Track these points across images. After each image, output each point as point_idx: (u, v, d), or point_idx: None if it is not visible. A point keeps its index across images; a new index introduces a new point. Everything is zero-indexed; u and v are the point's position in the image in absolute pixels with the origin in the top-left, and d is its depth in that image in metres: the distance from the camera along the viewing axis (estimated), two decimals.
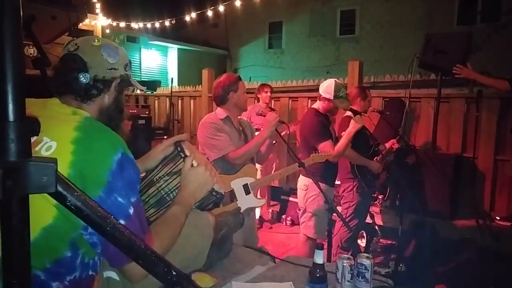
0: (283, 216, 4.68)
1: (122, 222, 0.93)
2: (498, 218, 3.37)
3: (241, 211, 2.07)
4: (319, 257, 1.18)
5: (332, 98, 2.66)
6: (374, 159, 3.01)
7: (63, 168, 0.89)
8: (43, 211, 0.87)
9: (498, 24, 9.22)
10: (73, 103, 1.06)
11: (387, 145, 3.10)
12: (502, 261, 2.69)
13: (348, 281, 1.34)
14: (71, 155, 0.91)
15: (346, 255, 1.39)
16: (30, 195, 0.54)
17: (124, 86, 1.15)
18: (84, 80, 1.05)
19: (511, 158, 3.35)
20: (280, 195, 4.85)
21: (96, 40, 1.09)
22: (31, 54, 2.22)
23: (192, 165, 1.24)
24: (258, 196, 2.73)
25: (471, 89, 3.94)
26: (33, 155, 0.90)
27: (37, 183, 0.53)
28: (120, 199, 0.93)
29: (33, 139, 0.92)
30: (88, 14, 5.74)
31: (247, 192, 2.22)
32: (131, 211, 0.96)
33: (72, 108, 1.04)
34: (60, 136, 0.94)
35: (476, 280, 2.50)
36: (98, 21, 6.42)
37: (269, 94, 4.46)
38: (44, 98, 1.08)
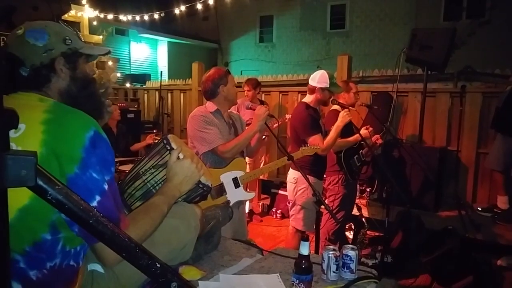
0: (273, 209, 4.71)
1: (98, 197, 0.93)
2: (480, 209, 3.46)
3: (231, 204, 2.08)
4: (305, 248, 1.20)
5: (328, 85, 2.71)
6: (360, 152, 3.05)
7: (34, 148, 0.88)
8: (18, 192, 0.85)
9: (482, 20, 9.42)
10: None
11: (372, 139, 3.14)
12: (482, 250, 2.77)
13: (334, 271, 1.36)
14: (42, 135, 0.90)
15: (331, 246, 1.42)
16: None
17: (75, 61, 1.09)
18: (24, 74, 1.02)
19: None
20: (271, 189, 4.88)
21: (19, 29, 1.04)
22: None
23: (178, 158, 1.24)
24: (248, 189, 2.75)
25: (456, 84, 4.02)
26: None
27: (16, 176, 0.53)
28: (94, 175, 0.93)
29: None
30: (74, 6, 5.64)
31: (237, 185, 2.23)
32: (106, 187, 0.96)
33: (38, 96, 1.03)
34: (28, 118, 0.93)
35: (458, 268, 2.57)
36: (85, 13, 6.30)
37: (250, 92, 4.18)
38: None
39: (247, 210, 4.02)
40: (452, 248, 2.65)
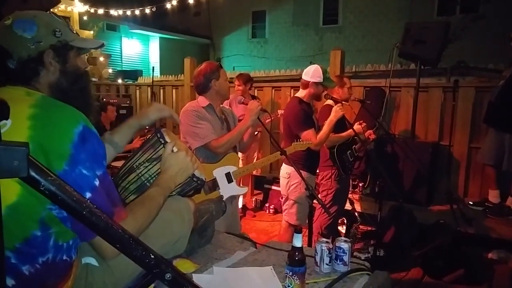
0: (266, 205, 4.73)
1: (88, 194, 0.92)
2: (471, 203, 3.50)
3: (224, 199, 2.08)
4: (298, 241, 1.20)
5: (322, 80, 2.72)
6: (353, 147, 3.07)
7: None
8: (6, 189, 0.82)
9: (476, 15, 9.49)
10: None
11: (365, 135, 3.16)
12: (474, 244, 2.81)
13: (327, 264, 1.37)
14: (28, 130, 0.88)
15: (324, 239, 1.42)
16: None
17: (65, 54, 1.05)
18: (12, 66, 0.98)
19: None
20: (264, 184, 4.89)
21: (7, 19, 1.00)
22: None
23: (172, 151, 1.24)
24: (241, 185, 2.75)
25: (449, 78, 4.04)
26: None
27: (8, 167, 0.52)
28: (84, 171, 0.91)
29: None
30: None
31: (230, 180, 2.23)
32: (97, 183, 0.94)
33: (26, 90, 1.00)
34: (14, 114, 0.88)
35: (449, 262, 2.61)
36: (75, 7, 6.22)
37: (241, 87, 4.16)
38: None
39: (240, 205, 4.03)
40: (444, 242, 2.69)
